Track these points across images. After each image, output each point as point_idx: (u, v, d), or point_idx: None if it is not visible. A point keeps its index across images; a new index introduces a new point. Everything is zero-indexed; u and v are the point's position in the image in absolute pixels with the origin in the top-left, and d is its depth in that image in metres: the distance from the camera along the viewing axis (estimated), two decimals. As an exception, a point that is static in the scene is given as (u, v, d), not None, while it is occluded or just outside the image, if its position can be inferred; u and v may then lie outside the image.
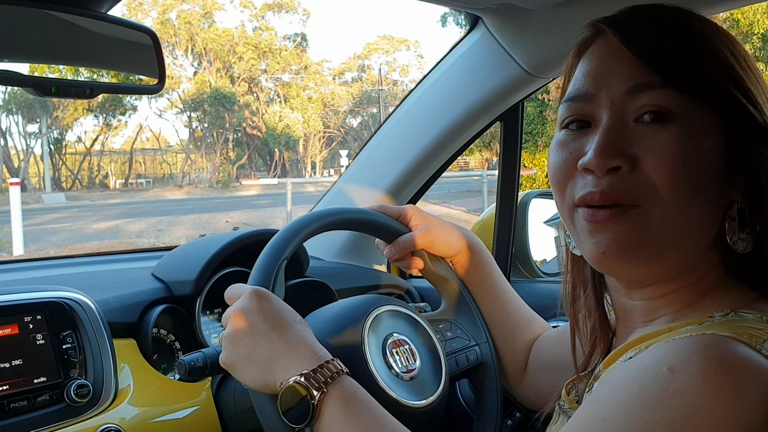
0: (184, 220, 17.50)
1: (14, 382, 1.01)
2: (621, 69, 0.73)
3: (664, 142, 0.69)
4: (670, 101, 0.70)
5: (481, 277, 1.19)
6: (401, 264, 1.19)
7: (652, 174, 0.69)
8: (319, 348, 0.86)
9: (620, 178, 0.70)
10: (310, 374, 0.82)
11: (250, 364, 0.86)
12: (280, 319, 0.88)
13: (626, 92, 0.72)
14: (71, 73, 0.98)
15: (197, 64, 36.62)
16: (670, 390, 0.58)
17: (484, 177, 14.61)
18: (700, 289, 0.74)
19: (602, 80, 0.74)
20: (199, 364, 0.99)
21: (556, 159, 0.78)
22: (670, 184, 0.69)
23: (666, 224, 0.70)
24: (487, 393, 1.13)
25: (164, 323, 1.28)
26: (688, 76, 0.70)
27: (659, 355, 0.63)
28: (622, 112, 0.72)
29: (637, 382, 0.61)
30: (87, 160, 35.12)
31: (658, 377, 0.60)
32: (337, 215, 1.10)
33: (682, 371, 0.59)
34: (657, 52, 0.71)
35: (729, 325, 0.66)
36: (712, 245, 0.73)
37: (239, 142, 37.70)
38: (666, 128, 0.70)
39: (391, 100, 38.49)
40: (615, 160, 0.70)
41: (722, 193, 0.72)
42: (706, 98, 0.70)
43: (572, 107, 0.77)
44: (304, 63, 39.43)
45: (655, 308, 0.77)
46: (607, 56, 0.75)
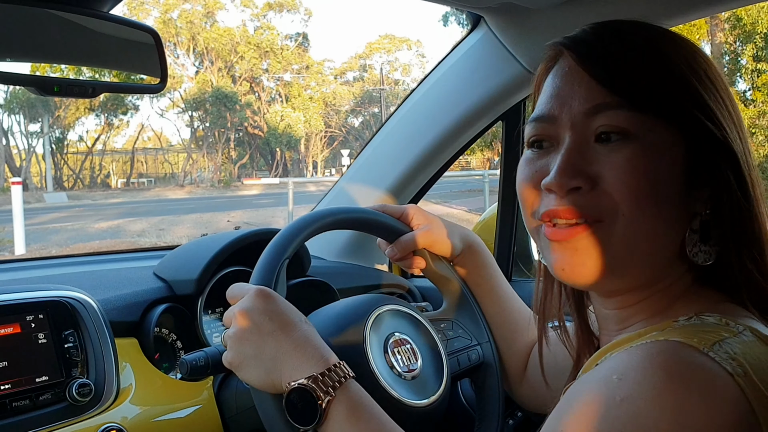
0: (185, 220, 17.51)
1: (16, 381, 1.01)
2: (580, 90, 0.74)
3: (623, 160, 0.70)
4: (627, 121, 0.71)
5: (482, 276, 1.19)
6: (403, 263, 1.19)
7: (612, 191, 0.71)
8: (326, 350, 0.87)
9: (581, 197, 0.72)
10: (318, 377, 0.83)
11: (257, 364, 0.86)
12: (285, 318, 0.88)
13: (584, 113, 0.73)
14: (73, 72, 0.98)
15: (199, 64, 36.65)
16: (618, 398, 0.60)
17: (486, 176, 14.61)
18: (670, 296, 0.75)
19: (563, 102, 0.75)
20: (200, 364, 0.99)
21: (522, 176, 0.79)
22: (630, 200, 0.70)
23: (627, 239, 0.71)
24: (489, 392, 1.13)
25: (166, 322, 1.28)
26: (643, 96, 0.71)
27: (612, 364, 0.64)
28: (582, 133, 0.73)
29: (590, 391, 0.63)
30: (89, 159, 35.15)
31: (608, 386, 0.61)
32: (339, 215, 1.10)
33: (629, 378, 0.60)
34: (612, 73, 0.72)
35: (686, 329, 0.67)
36: (677, 256, 0.74)
37: (241, 142, 37.71)
38: (624, 146, 0.71)
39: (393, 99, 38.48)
40: (574, 181, 0.72)
41: (685, 207, 0.73)
42: (663, 116, 0.71)
43: (536, 128, 0.78)
44: (305, 62, 39.43)
45: (628, 316, 0.78)
46: (567, 77, 0.76)
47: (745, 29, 11.42)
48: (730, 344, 0.62)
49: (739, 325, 0.66)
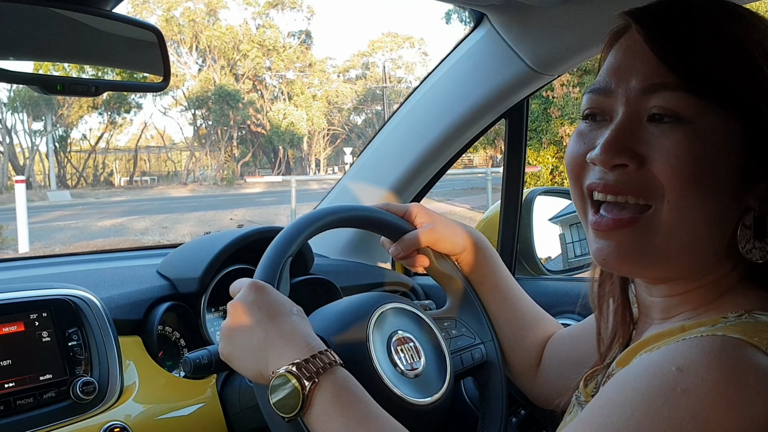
0: (188, 218, 17.52)
1: (20, 379, 1.01)
2: (641, 66, 0.72)
3: (672, 143, 0.69)
4: (682, 104, 0.69)
5: (486, 274, 1.19)
6: (406, 262, 1.19)
7: (660, 174, 0.70)
8: (312, 338, 0.87)
9: (627, 176, 0.71)
10: (302, 363, 0.82)
11: (246, 355, 0.87)
12: (275, 308, 0.89)
13: (641, 91, 0.72)
14: (76, 70, 0.98)
15: (201, 62, 36.63)
16: (678, 390, 0.59)
17: (489, 174, 14.60)
18: (717, 290, 0.74)
19: (621, 76, 0.74)
20: (204, 362, 0.99)
21: (571, 149, 0.79)
22: (677, 186, 0.69)
23: (670, 228, 0.70)
24: (492, 391, 1.13)
25: (169, 320, 1.28)
26: (702, 79, 0.69)
27: (669, 355, 0.63)
28: (636, 110, 0.72)
29: (645, 380, 0.62)
30: (92, 157, 35.19)
31: (666, 376, 0.60)
32: (342, 213, 1.10)
33: (691, 372, 0.59)
34: (676, 52, 0.70)
35: (741, 326, 0.66)
36: (726, 250, 0.73)
37: (243, 140, 37.71)
38: (676, 129, 0.69)
39: (396, 97, 38.43)
40: (620, 158, 0.71)
41: (738, 200, 0.71)
42: (722, 102, 0.69)
43: (592, 100, 0.77)
44: (308, 60, 39.39)
45: (671, 306, 0.77)
46: (630, 51, 0.74)
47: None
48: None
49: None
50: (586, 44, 1.38)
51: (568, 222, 1.82)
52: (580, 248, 1.82)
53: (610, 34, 0.80)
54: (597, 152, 0.72)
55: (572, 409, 0.89)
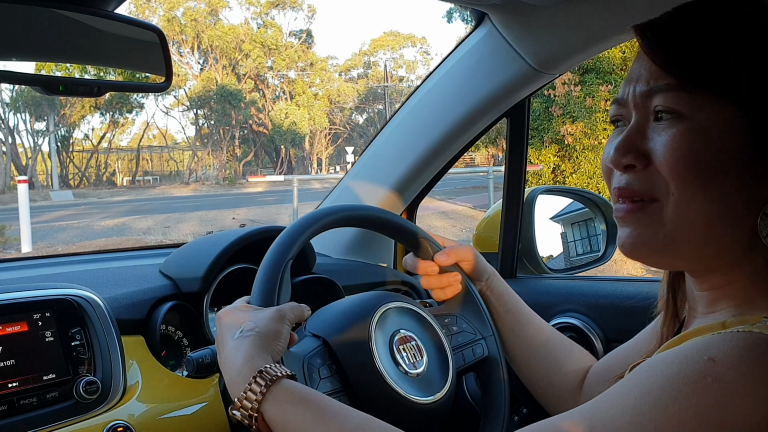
0: (191, 217, 17.53)
1: (23, 379, 1.02)
2: (644, 72, 0.76)
3: (668, 138, 0.72)
4: (676, 101, 0.72)
5: (511, 302, 1.19)
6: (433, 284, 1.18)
7: (660, 168, 0.73)
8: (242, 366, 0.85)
9: (636, 176, 0.75)
10: (238, 402, 0.83)
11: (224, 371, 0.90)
12: (220, 338, 0.92)
13: (644, 95, 0.75)
14: (78, 71, 0.98)
15: (203, 62, 36.68)
16: (709, 378, 0.60)
17: (490, 173, 14.57)
18: (757, 287, 0.74)
19: (629, 84, 0.78)
20: (207, 361, 0.99)
21: (604, 155, 0.82)
22: (677, 178, 0.71)
23: (679, 218, 0.72)
24: (494, 387, 1.13)
25: (172, 320, 1.28)
26: (694, 75, 0.71)
27: (702, 345, 0.65)
28: (644, 113, 0.76)
29: (677, 366, 0.63)
30: (94, 157, 35.25)
31: (698, 364, 0.62)
32: (343, 212, 1.10)
33: (723, 362, 0.61)
34: (667, 54, 0.74)
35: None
36: (754, 243, 0.72)
37: (245, 139, 37.76)
38: (673, 125, 0.72)
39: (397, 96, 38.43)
40: (626, 159, 0.75)
41: (751, 189, 0.71)
42: (718, 95, 0.70)
43: (613, 109, 0.81)
44: (309, 60, 39.41)
45: (714, 299, 0.78)
46: (638, 61, 0.78)
47: None
48: None
49: None
50: (587, 43, 1.38)
51: (569, 221, 1.82)
52: (582, 247, 1.82)
53: None
54: (608, 155, 0.77)
55: None
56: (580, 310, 1.53)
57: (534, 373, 1.17)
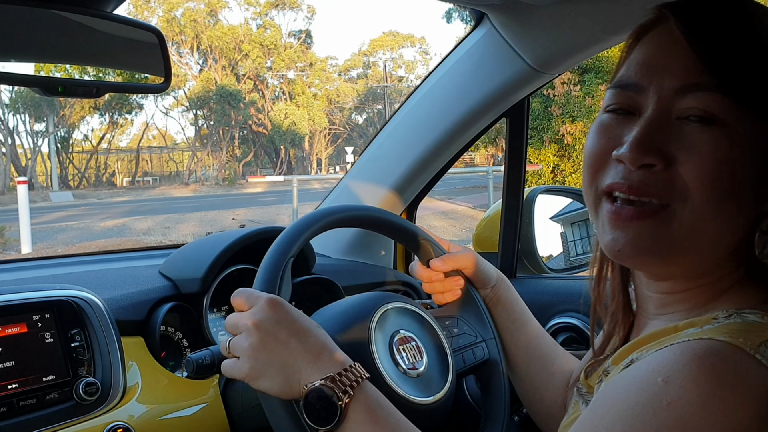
0: (190, 218, 17.54)
1: (23, 380, 1.02)
2: (675, 64, 0.70)
3: (704, 145, 0.67)
4: (717, 106, 0.67)
5: (517, 312, 1.18)
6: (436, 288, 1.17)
7: (686, 175, 0.68)
8: (340, 353, 0.86)
9: (653, 176, 0.69)
10: (336, 377, 0.82)
11: (276, 373, 0.85)
12: (299, 326, 0.87)
13: (676, 90, 0.69)
14: (77, 72, 0.98)
15: (203, 62, 36.69)
16: (665, 402, 0.58)
17: (490, 173, 14.58)
18: (715, 290, 0.73)
19: (654, 72, 0.71)
20: (206, 362, 0.99)
21: (593, 142, 0.76)
22: (703, 188, 0.67)
23: (689, 228, 0.69)
24: (494, 389, 1.13)
25: (172, 321, 1.28)
26: (740, 82, 0.67)
27: (654, 365, 0.63)
28: (667, 109, 0.70)
29: (634, 394, 0.62)
30: (94, 158, 35.25)
31: (653, 389, 0.60)
32: (343, 213, 1.10)
33: (675, 382, 0.59)
34: (714, 51, 0.68)
35: (728, 327, 0.65)
36: (734, 251, 0.72)
37: (245, 140, 37.76)
38: (708, 131, 0.67)
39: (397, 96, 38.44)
40: (649, 157, 0.69)
41: (753, 205, 0.70)
42: (756, 106, 0.68)
43: (619, 95, 0.74)
44: (309, 60, 39.43)
45: (669, 302, 0.77)
46: (664, 46, 0.71)
47: None
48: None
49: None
50: (586, 43, 1.38)
51: (569, 220, 1.82)
52: (582, 246, 1.82)
53: (637, 27, 0.76)
54: (625, 150, 0.69)
55: (573, 400, 0.89)
56: (580, 309, 1.53)
57: (524, 377, 1.16)
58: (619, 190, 0.71)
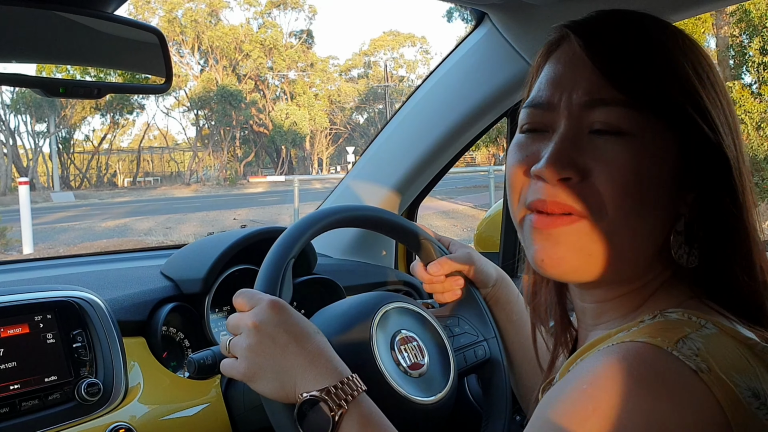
0: (192, 218, 17.55)
1: (25, 381, 1.02)
2: (581, 80, 0.72)
3: (615, 156, 0.69)
4: (624, 119, 0.69)
5: (517, 311, 1.18)
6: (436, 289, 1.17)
7: (600, 187, 0.69)
8: (339, 362, 0.86)
9: (570, 189, 0.71)
10: (331, 389, 0.82)
11: (272, 376, 0.85)
12: (299, 330, 0.87)
13: (583, 105, 0.72)
14: (79, 72, 0.99)
15: (204, 62, 36.70)
16: (590, 408, 0.60)
17: (491, 172, 14.58)
18: (645, 294, 0.75)
19: (562, 89, 0.73)
20: (208, 362, 0.99)
21: (512, 161, 0.78)
22: (616, 199, 0.69)
23: (610, 237, 0.70)
24: (496, 388, 1.13)
25: (173, 321, 1.28)
26: (644, 94, 0.70)
27: (582, 372, 0.64)
28: (578, 123, 0.72)
29: (563, 403, 0.63)
30: (95, 158, 35.26)
31: (580, 397, 0.61)
32: (344, 213, 1.10)
33: (599, 387, 0.60)
34: (616, 66, 0.71)
35: (650, 328, 0.66)
36: (657, 255, 0.73)
37: (246, 140, 37.76)
38: (618, 143, 0.69)
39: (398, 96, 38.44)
40: (566, 171, 0.70)
41: (670, 208, 0.72)
42: (661, 116, 0.70)
43: (532, 114, 0.76)
44: (310, 60, 39.43)
45: (603, 311, 0.78)
46: (570, 63, 0.74)
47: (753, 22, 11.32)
48: (693, 339, 0.62)
49: (702, 319, 0.66)
50: (587, 42, 1.37)
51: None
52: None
53: (546, 45, 0.79)
54: (543, 165, 0.71)
55: None
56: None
57: (522, 377, 1.17)
58: (540, 207, 0.73)
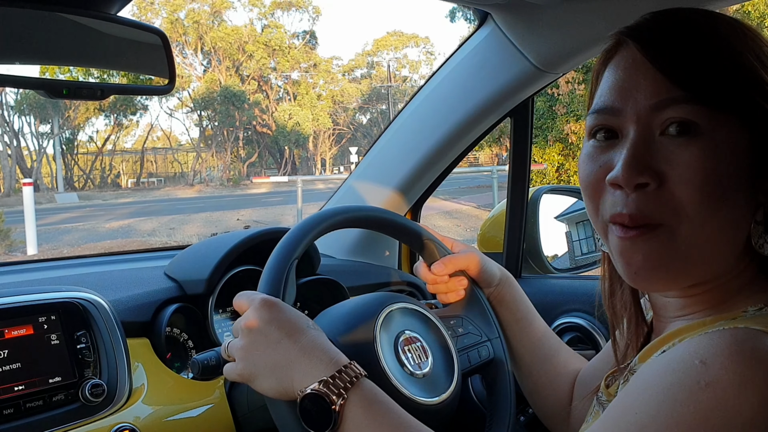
0: (195, 219, 17.57)
1: (29, 382, 1.02)
2: (645, 83, 0.72)
3: (690, 158, 0.68)
4: (695, 114, 0.69)
5: (522, 311, 1.18)
6: (444, 287, 1.17)
7: (678, 192, 0.69)
8: (335, 352, 0.85)
9: (647, 197, 0.70)
10: (329, 380, 0.81)
11: (268, 374, 0.85)
12: (292, 325, 0.87)
13: (651, 107, 0.71)
14: (82, 74, 0.99)
15: (207, 63, 36.75)
16: (703, 383, 0.59)
17: (495, 172, 14.57)
18: (733, 287, 0.74)
19: (627, 94, 0.73)
20: (212, 363, 0.99)
21: (586, 172, 0.77)
22: (695, 202, 0.68)
23: (693, 241, 0.70)
24: (500, 389, 1.12)
25: (177, 322, 1.28)
26: (711, 90, 0.69)
27: (692, 348, 0.64)
28: (648, 126, 0.71)
29: (670, 374, 0.63)
30: (99, 159, 35.34)
31: (690, 370, 0.61)
32: (347, 213, 1.10)
33: (715, 364, 0.60)
34: (679, 66, 0.70)
35: (761, 319, 0.67)
36: (743, 249, 0.73)
37: (249, 140, 37.79)
38: (692, 143, 0.69)
39: (401, 96, 38.47)
40: (642, 177, 0.70)
41: (750, 200, 0.71)
42: (731, 110, 0.69)
43: (599, 117, 0.76)
44: (313, 60, 39.45)
45: (689, 304, 0.77)
46: (631, 69, 0.73)
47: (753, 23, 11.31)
48: None
49: None
50: (590, 42, 1.37)
51: (574, 220, 1.81)
52: (587, 246, 1.82)
53: (603, 53, 0.79)
54: (618, 171, 0.70)
55: (592, 410, 0.89)
56: (586, 309, 1.52)
57: (529, 376, 1.17)
58: (621, 221, 0.72)
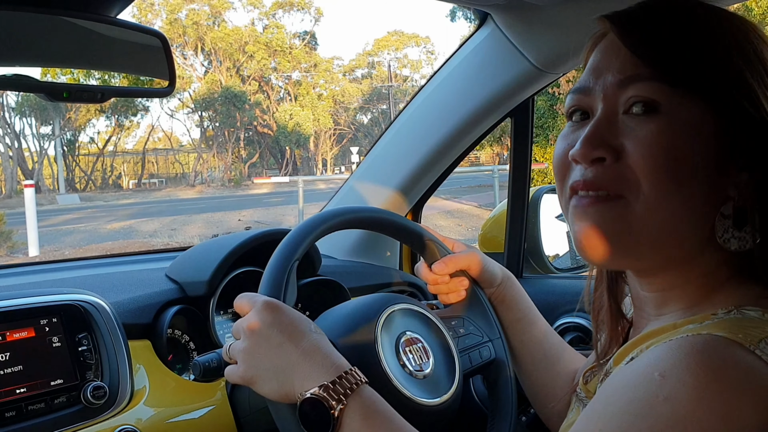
0: (197, 219, 17.59)
1: (31, 384, 1.02)
2: (616, 62, 0.74)
3: (648, 134, 0.70)
4: (657, 93, 0.70)
5: (523, 310, 1.17)
6: (441, 290, 1.17)
7: (634, 165, 0.70)
8: (336, 357, 0.85)
9: (604, 169, 0.72)
10: (329, 385, 0.81)
11: (270, 377, 0.84)
12: (294, 329, 0.86)
13: (617, 84, 0.73)
14: (83, 76, 0.99)
15: (208, 64, 36.75)
16: (661, 397, 0.58)
17: (496, 172, 14.57)
18: (709, 287, 0.74)
19: (599, 73, 0.76)
20: (213, 365, 0.99)
21: (556, 150, 0.80)
22: (650, 176, 0.69)
23: (646, 217, 0.71)
24: (501, 389, 1.12)
25: (179, 324, 1.28)
26: (675, 69, 0.70)
27: (653, 360, 0.63)
28: (613, 104, 0.74)
29: (631, 389, 0.62)
30: (100, 160, 35.38)
31: (650, 384, 0.60)
32: (349, 214, 1.10)
33: (672, 377, 0.59)
34: (647, 44, 0.72)
35: (727, 323, 0.65)
36: (709, 241, 0.72)
37: (250, 141, 37.79)
38: (652, 120, 0.70)
39: (401, 96, 38.42)
40: (598, 151, 0.72)
41: (716, 190, 0.71)
42: (696, 91, 0.70)
43: (573, 99, 0.79)
44: (314, 61, 39.43)
45: (665, 301, 0.77)
46: (607, 50, 0.76)
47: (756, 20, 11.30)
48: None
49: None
50: (591, 41, 1.37)
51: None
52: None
53: (591, 39, 0.81)
54: (577, 147, 0.74)
55: (573, 406, 0.89)
56: (587, 309, 1.52)
57: (530, 376, 1.16)
58: (578, 188, 0.75)
